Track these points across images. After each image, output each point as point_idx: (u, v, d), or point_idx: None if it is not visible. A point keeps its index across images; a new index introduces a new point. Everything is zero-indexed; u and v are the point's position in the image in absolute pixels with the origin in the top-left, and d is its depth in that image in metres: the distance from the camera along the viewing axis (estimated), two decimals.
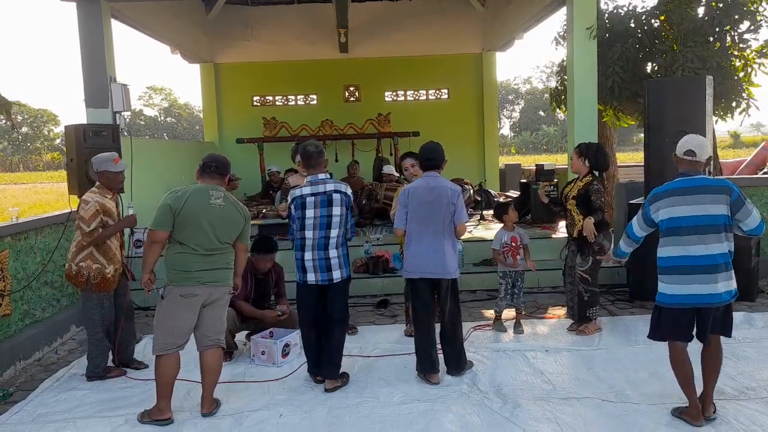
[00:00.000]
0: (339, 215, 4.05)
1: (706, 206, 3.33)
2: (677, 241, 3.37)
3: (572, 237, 5.10)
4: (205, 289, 3.70)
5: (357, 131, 11.36)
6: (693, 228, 3.33)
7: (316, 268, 4.06)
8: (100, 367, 4.43)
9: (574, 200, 5.01)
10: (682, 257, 3.35)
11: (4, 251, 4.78)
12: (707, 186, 3.38)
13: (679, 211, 3.36)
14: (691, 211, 3.34)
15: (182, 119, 65.85)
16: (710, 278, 3.30)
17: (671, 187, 3.44)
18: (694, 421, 3.42)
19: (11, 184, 37.48)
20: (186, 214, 3.60)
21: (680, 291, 3.35)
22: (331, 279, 4.09)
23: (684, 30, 7.48)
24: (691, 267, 3.33)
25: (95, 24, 6.74)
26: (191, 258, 3.64)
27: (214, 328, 3.79)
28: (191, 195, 3.65)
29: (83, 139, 5.79)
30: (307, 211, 4.02)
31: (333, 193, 4.04)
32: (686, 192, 3.37)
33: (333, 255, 4.07)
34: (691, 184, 3.39)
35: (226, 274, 3.83)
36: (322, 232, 4.04)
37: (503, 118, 67.04)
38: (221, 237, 3.72)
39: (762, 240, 6.66)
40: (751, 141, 49.78)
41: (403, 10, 12.25)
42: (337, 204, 4.04)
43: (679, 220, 3.36)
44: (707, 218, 3.32)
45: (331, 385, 4.08)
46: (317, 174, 4.11)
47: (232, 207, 3.79)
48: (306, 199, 4.03)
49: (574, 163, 5.12)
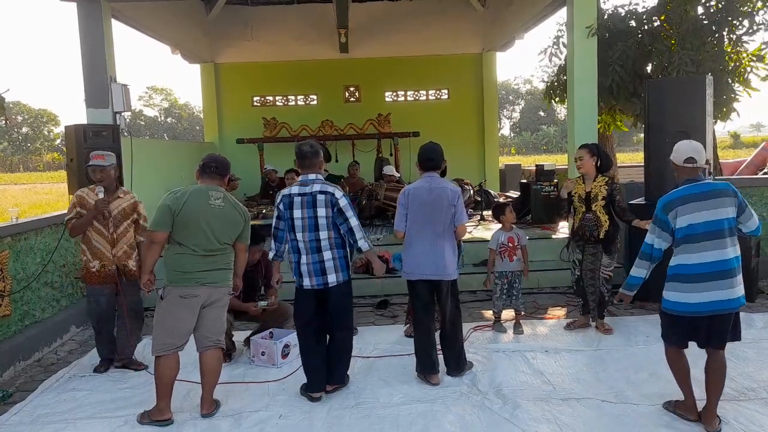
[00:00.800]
0: (324, 216, 3.88)
1: (718, 210, 3.29)
2: (687, 249, 3.31)
3: (598, 239, 4.98)
4: (204, 290, 3.69)
5: (357, 131, 11.35)
6: (710, 233, 3.28)
7: (310, 272, 3.93)
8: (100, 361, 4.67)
9: (603, 201, 4.95)
10: (695, 265, 3.28)
11: (3, 252, 4.78)
12: (716, 190, 3.33)
13: (698, 217, 3.29)
14: (709, 216, 3.28)
15: (182, 119, 65.88)
16: (727, 283, 3.25)
17: (686, 193, 3.35)
18: (687, 414, 3.45)
19: (11, 184, 37.49)
20: (185, 215, 3.60)
21: (684, 299, 3.30)
22: (326, 283, 3.93)
23: (683, 31, 7.49)
24: (710, 274, 3.26)
25: (95, 24, 6.74)
26: (190, 259, 3.64)
27: (213, 329, 3.78)
28: (190, 196, 3.65)
29: (83, 140, 5.81)
30: (294, 211, 3.92)
31: (318, 194, 3.89)
32: (700, 197, 3.31)
33: (327, 257, 3.91)
34: (701, 190, 3.33)
35: (225, 274, 3.81)
36: (312, 234, 3.89)
37: (503, 118, 67.10)
38: (220, 238, 3.71)
39: (762, 240, 6.66)
40: (751, 141, 49.79)
41: (403, 10, 12.24)
42: (321, 205, 3.87)
43: (696, 226, 3.29)
44: (721, 222, 3.28)
45: (331, 388, 4.03)
46: (309, 174, 4.02)
47: (231, 207, 3.78)
48: (294, 198, 3.93)
49: (585, 163, 4.98)
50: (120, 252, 4.53)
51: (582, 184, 5.09)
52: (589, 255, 5.11)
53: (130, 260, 4.58)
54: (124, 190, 4.69)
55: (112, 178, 4.52)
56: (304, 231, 3.91)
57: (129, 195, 4.67)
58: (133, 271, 4.58)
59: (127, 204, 4.58)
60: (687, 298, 3.30)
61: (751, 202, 6.81)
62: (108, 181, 4.48)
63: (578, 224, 5.07)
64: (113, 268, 4.49)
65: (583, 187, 5.08)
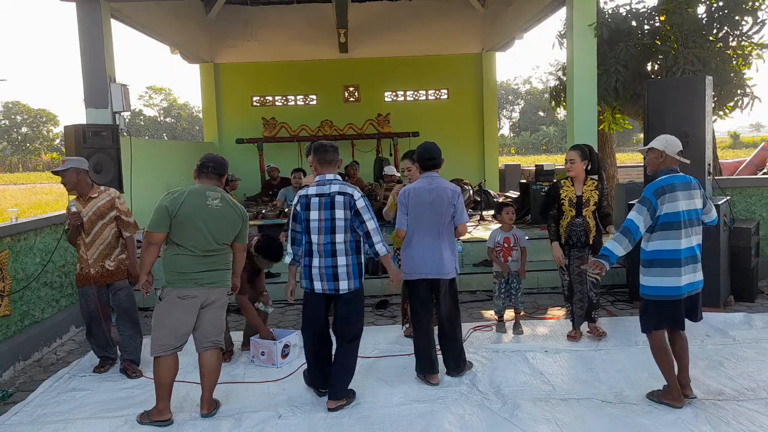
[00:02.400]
0: (342, 219, 3.76)
1: (693, 201, 3.59)
2: (669, 236, 3.55)
3: (587, 244, 4.85)
4: (202, 291, 3.68)
5: (357, 132, 11.36)
6: (687, 222, 3.55)
7: (322, 276, 3.80)
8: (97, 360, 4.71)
9: (594, 206, 4.83)
10: (675, 251, 3.53)
11: (3, 252, 4.78)
12: (692, 183, 3.63)
13: (681, 205, 3.53)
14: (686, 206, 3.56)
15: (182, 119, 65.85)
16: (697, 267, 3.62)
17: (673, 182, 3.57)
18: (676, 403, 3.60)
19: (10, 184, 37.46)
20: (183, 215, 3.59)
21: (673, 283, 3.54)
22: (337, 289, 3.81)
23: (685, 30, 7.49)
24: (686, 259, 3.55)
25: (95, 24, 6.73)
26: (188, 259, 3.63)
27: (212, 329, 3.77)
28: (188, 196, 3.64)
29: (83, 140, 5.81)
30: (311, 212, 3.81)
31: (336, 195, 3.76)
32: (683, 188, 3.57)
33: (341, 263, 3.78)
34: (682, 181, 3.59)
35: (224, 275, 3.80)
36: (327, 236, 3.77)
37: (503, 118, 67.08)
38: (218, 238, 3.70)
39: (761, 241, 6.67)
40: (750, 141, 49.82)
41: (403, 10, 12.25)
42: (340, 207, 3.75)
43: (679, 214, 3.53)
44: (695, 212, 3.60)
45: (334, 405, 3.80)
46: (326, 174, 3.90)
47: (229, 208, 3.76)
48: (311, 199, 3.81)
49: (576, 166, 4.83)
50: (96, 254, 4.45)
51: (572, 186, 4.90)
52: (576, 259, 4.94)
53: (107, 260, 4.50)
54: (100, 189, 4.57)
55: (75, 182, 4.44)
56: (320, 233, 3.79)
57: (105, 192, 4.54)
58: (110, 272, 4.50)
59: (103, 203, 4.48)
60: (674, 282, 3.54)
61: (751, 202, 6.82)
62: (71, 185, 4.46)
63: (567, 229, 4.88)
64: (90, 271, 4.45)
65: (573, 189, 4.88)
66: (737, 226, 6.14)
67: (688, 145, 5.69)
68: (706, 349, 4.66)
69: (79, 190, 4.48)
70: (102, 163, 5.93)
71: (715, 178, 6.30)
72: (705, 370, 4.21)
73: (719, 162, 11.10)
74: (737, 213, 6.68)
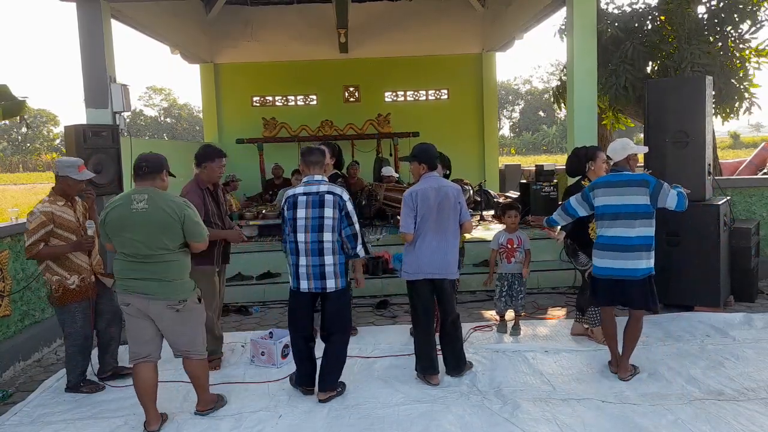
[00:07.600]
0: (332, 217, 3.80)
1: (628, 197, 4.00)
2: (605, 224, 4.08)
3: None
4: (135, 299, 3.50)
5: (357, 132, 11.34)
6: (617, 215, 4.01)
7: (309, 275, 3.84)
8: (73, 381, 4.26)
9: None
10: (610, 237, 4.04)
11: (3, 252, 4.78)
12: (631, 180, 4.04)
13: (609, 200, 4.06)
14: (617, 201, 4.03)
15: (182, 119, 65.82)
16: (632, 255, 3.97)
17: (608, 179, 4.14)
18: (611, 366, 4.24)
19: (11, 184, 37.47)
20: (110, 225, 3.51)
21: (607, 265, 4.05)
22: (324, 288, 3.86)
23: (687, 30, 7.50)
24: (615, 246, 4.01)
25: (95, 24, 6.72)
26: (123, 264, 3.54)
27: (178, 342, 3.63)
28: (115, 204, 3.54)
29: (83, 140, 5.80)
30: (298, 211, 3.83)
31: (325, 194, 3.82)
32: (616, 185, 4.06)
33: (329, 262, 3.82)
34: (619, 179, 4.08)
35: (166, 287, 3.50)
36: (315, 235, 3.81)
37: (503, 118, 67.00)
38: (149, 242, 3.45)
39: (761, 241, 6.67)
40: (750, 141, 49.78)
41: (403, 10, 12.24)
42: (330, 205, 3.80)
43: (607, 207, 4.06)
44: (627, 207, 3.99)
45: (324, 396, 3.90)
46: (314, 174, 3.96)
47: (157, 209, 3.45)
48: (298, 198, 3.85)
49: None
50: (96, 258, 4.36)
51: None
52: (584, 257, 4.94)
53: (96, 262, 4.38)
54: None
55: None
56: (307, 232, 3.82)
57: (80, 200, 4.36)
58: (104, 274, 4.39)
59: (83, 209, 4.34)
60: (603, 264, 4.08)
61: (751, 202, 6.81)
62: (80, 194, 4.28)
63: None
64: (92, 278, 4.27)
65: None
66: (737, 226, 6.14)
67: (688, 145, 5.70)
68: (706, 349, 4.66)
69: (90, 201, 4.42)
70: (102, 163, 5.91)
71: (715, 178, 6.30)
72: (705, 370, 4.21)
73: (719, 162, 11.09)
74: (737, 213, 6.68)
